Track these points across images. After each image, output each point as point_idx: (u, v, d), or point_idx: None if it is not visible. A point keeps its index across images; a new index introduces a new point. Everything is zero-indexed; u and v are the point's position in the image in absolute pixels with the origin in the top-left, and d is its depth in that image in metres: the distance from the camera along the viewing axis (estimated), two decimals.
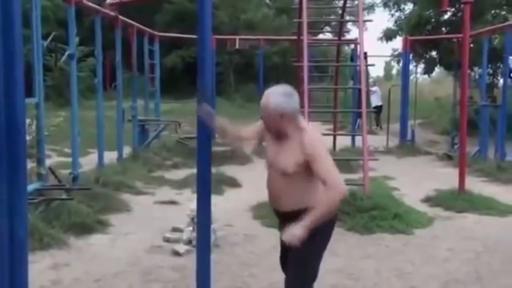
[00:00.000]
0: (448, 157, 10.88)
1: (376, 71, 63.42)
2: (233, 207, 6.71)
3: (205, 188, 3.09)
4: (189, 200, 6.65)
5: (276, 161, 2.90)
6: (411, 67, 15.25)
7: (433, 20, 16.84)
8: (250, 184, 7.83)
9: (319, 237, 2.83)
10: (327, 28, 26.76)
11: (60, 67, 16.36)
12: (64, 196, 5.84)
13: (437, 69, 21.35)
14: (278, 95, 2.83)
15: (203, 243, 3.13)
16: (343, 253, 4.98)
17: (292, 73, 16.05)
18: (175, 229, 5.42)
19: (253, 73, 22.91)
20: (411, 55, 14.40)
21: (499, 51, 11.89)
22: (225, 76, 24.88)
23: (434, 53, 18.53)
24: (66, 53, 6.85)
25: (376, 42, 21.15)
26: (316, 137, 2.87)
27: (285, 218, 2.90)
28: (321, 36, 24.98)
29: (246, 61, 25.22)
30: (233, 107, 21.61)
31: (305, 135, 2.82)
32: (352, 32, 22.62)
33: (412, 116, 13.09)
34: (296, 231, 2.68)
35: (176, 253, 4.92)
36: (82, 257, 4.81)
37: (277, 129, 2.88)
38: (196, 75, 3.04)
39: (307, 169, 2.78)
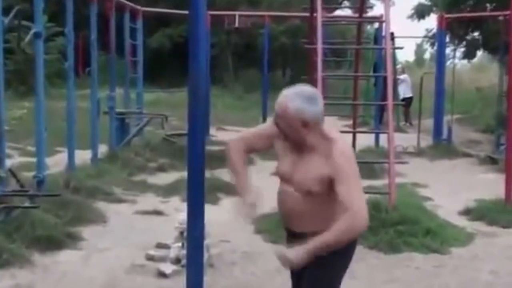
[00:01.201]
0: (492, 161, 10.86)
1: (406, 55, 63.43)
2: (230, 219, 6.69)
3: (197, 196, 3.10)
4: (177, 210, 6.65)
5: (295, 176, 2.85)
6: (447, 51, 15.26)
7: None
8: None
9: (339, 259, 2.84)
10: (346, 3, 26.78)
11: (23, 48, 16.39)
12: (27, 204, 5.85)
13: (480, 54, 21.38)
14: (298, 98, 2.76)
15: (194, 263, 3.14)
16: (363, 276, 4.98)
17: (303, 57, 16.05)
18: (161, 245, 5.42)
19: (255, 56, 22.94)
20: (447, 37, 14.40)
21: None
22: (221, 60, 24.90)
23: (476, 34, 18.52)
24: (31, 32, 6.85)
25: (405, 20, 21.06)
26: (348, 150, 2.84)
27: (301, 238, 2.87)
28: (338, 12, 24.94)
29: (247, 42, 25.23)
30: (230, 97, 21.65)
31: (335, 146, 2.76)
32: (377, 8, 22.61)
33: (449, 111, 13.08)
34: (292, 255, 2.66)
35: (162, 274, 4.92)
36: (48, 278, 4.82)
37: (297, 139, 2.83)
38: (186, 58, 3.05)
39: (332, 187, 2.75)
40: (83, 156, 8.83)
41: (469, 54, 19.52)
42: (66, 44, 8.26)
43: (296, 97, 2.76)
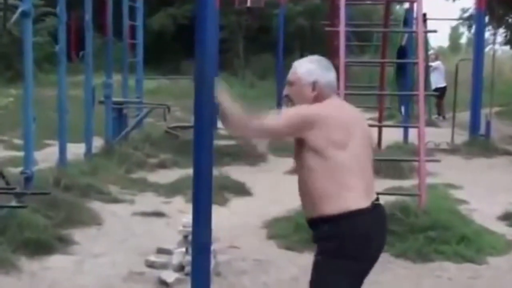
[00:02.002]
0: None
1: (439, 40, 63.04)
2: (240, 223, 6.73)
3: (203, 196, 3.11)
4: (180, 212, 6.68)
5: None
6: (487, 35, 15.17)
7: None
8: (264, 191, 7.83)
9: (328, 261, 2.97)
10: None
11: (9, 29, 16.46)
12: (13, 203, 5.88)
13: None
14: (308, 62, 3.13)
15: (200, 270, 3.15)
16: (390, 287, 4.97)
17: (323, 41, 16.04)
18: (162, 251, 5.45)
19: (269, 40, 22.87)
20: (487, 18, 14.30)
21: None
22: (232, 44, 24.88)
23: None
24: (19, 11, 6.88)
25: (439, 0, 20.93)
26: (311, 107, 3.04)
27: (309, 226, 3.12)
28: None
29: (260, 24, 25.18)
30: (241, 85, 21.66)
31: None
32: None
33: (487, 103, 13.01)
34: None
35: (163, 283, 4.94)
36: (36, 285, 4.86)
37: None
38: (192, 42, 3.05)
39: (312, 150, 2.94)
40: (75, 150, 8.87)
41: (511, 39, 19.38)
42: (57, 25, 8.28)
43: (306, 61, 3.14)
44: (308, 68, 3.08)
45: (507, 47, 20.96)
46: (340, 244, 2.93)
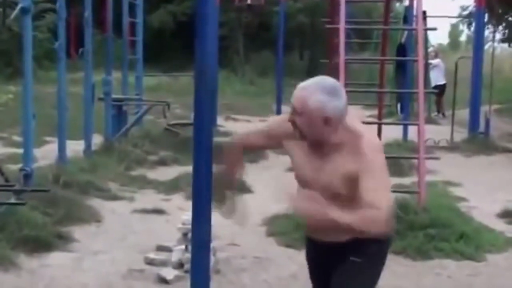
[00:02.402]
0: None
1: (439, 37, 63.09)
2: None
3: (203, 193, 3.11)
4: (180, 209, 6.67)
5: (320, 178, 2.80)
6: (486, 32, 15.16)
7: None
8: (264, 188, 7.82)
9: (368, 267, 2.89)
10: None
11: (9, 26, 16.47)
12: (13, 200, 5.88)
13: None
14: (319, 91, 2.69)
15: (199, 268, 3.15)
16: (389, 285, 4.96)
17: (323, 38, 16.02)
18: (161, 248, 5.44)
19: (269, 37, 22.89)
20: (486, 16, 14.29)
21: None
22: (231, 41, 24.86)
23: None
24: (18, 7, 6.87)
25: None
26: (378, 144, 2.82)
27: (334, 250, 2.92)
28: None
29: (260, 22, 25.17)
30: (240, 82, 21.68)
31: (363, 140, 2.74)
32: None
33: (487, 100, 13.00)
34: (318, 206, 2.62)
35: (163, 280, 4.93)
36: (35, 283, 4.85)
37: (318, 138, 2.79)
38: (192, 39, 3.05)
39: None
40: (75, 147, 8.87)
41: (510, 37, 19.37)
42: (57, 21, 8.27)
43: (316, 90, 2.70)
44: (319, 101, 2.68)
45: (505, 45, 20.95)
46: (385, 245, 2.95)
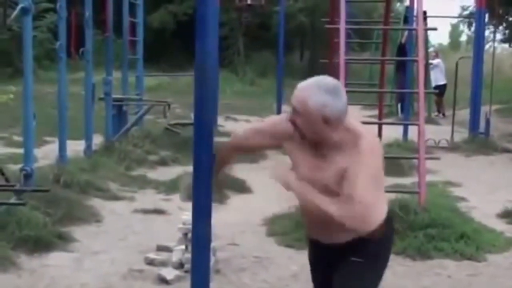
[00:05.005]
0: None
1: (439, 37, 63.12)
2: (240, 220, 6.72)
3: (203, 194, 3.10)
4: (180, 209, 6.67)
5: (320, 177, 2.81)
6: (487, 32, 15.15)
7: None
8: (264, 188, 7.81)
9: (370, 269, 2.89)
10: None
11: (9, 26, 16.46)
12: (13, 200, 5.88)
13: None
14: (320, 92, 2.70)
15: (199, 268, 3.14)
16: (389, 285, 4.96)
17: (324, 38, 16.01)
18: (162, 248, 5.44)
19: (269, 37, 22.90)
20: (487, 16, 14.28)
21: None
22: (231, 41, 24.90)
23: None
24: (19, 7, 6.87)
25: None
26: (377, 144, 2.84)
27: (334, 251, 2.93)
28: None
29: (260, 22, 25.19)
30: (241, 82, 21.67)
31: (364, 142, 2.75)
32: None
33: (487, 100, 13.00)
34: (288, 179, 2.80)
35: (163, 280, 4.93)
36: (36, 283, 4.85)
37: (318, 138, 2.79)
38: (192, 39, 3.04)
39: None
40: (75, 147, 8.86)
41: (510, 37, 19.38)
42: (57, 21, 8.27)
43: (316, 90, 2.70)
44: (319, 100, 2.68)
45: (506, 46, 20.96)
46: (386, 245, 2.98)
